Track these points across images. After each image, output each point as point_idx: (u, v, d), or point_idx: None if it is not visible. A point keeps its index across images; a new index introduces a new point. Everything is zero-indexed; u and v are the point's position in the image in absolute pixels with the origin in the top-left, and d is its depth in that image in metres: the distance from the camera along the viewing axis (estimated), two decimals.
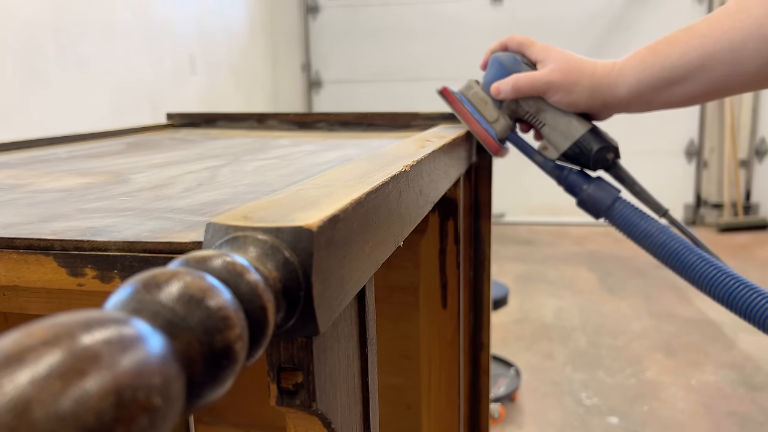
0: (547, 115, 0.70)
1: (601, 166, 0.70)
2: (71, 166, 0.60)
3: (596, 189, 0.69)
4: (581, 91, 0.66)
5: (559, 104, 0.68)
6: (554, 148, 0.71)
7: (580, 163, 0.70)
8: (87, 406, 0.13)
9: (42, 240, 0.31)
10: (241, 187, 0.46)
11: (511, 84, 0.69)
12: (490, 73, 0.73)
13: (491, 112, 0.72)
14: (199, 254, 0.21)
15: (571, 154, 0.70)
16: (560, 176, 0.71)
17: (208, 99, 3.20)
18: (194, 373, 0.17)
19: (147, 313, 0.17)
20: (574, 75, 0.66)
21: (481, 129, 0.72)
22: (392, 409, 0.89)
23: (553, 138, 0.71)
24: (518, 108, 0.72)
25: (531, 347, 2.35)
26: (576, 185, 0.70)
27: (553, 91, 0.67)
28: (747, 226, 3.96)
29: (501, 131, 0.72)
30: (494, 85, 0.71)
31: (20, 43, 1.92)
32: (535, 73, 0.68)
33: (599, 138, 0.69)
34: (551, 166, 0.72)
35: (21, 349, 0.13)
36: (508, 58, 0.72)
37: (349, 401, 0.33)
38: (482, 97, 0.72)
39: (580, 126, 0.69)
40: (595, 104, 0.66)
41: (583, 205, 0.70)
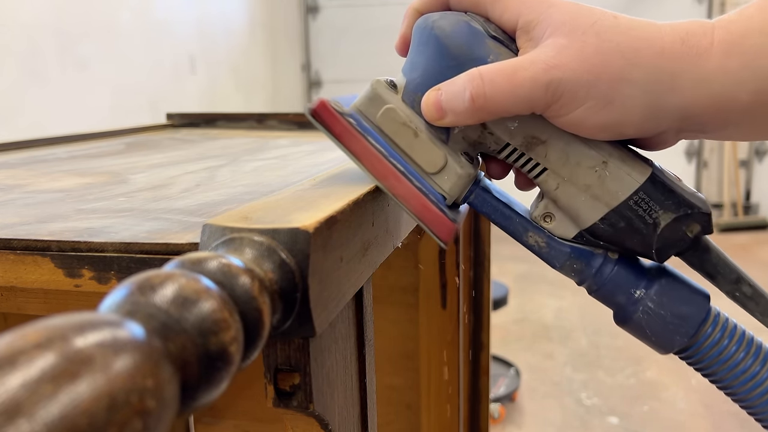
0: (551, 151, 0.34)
1: (672, 252, 0.35)
2: (70, 166, 0.60)
3: (665, 299, 0.35)
4: (634, 97, 0.31)
5: (581, 128, 0.32)
6: (569, 219, 0.35)
7: (627, 247, 0.35)
8: (79, 410, 0.13)
9: (39, 241, 0.31)
10: (240, 187, 0.46)
11: (468, 92, 0.32)
12: (418, 64, 0.35)
13: (430, 153, 0.34)
14: (195, 256, 0.21)
15: (606, 231, 0.35)
16: (585, 272, 0.36)
17: (207, 99, 3.20)
18: (189, 376, 0.17)
19: (141, 315, 0.17)
20: (614, 61, 0.31)
21: (411, 191, 0.33)
22: (392, 409, 0.89)
23: (566, 198, 0.35)
24: (485, 137, 0.35)
25: (531, 347, 2.35)
26: (620, 291, 0.35)
27: (566, 103, 0.31)
28: (747, 226, 3.96)
29: (453, 189, 0.35)
30: (430, 96, 0.33)
31: (20, 43, 1.92)
32: (520, 63, 0.32)
33: (671, 195, 0.34)
34: (564, 254, 0.36)
35: (13, 352, 0.13)
36: (456, 30, 0.34)
37: (346, 402, 0.33)
38: (406, 120, 0.34)
39: (628, 173, 0.33)
40: (662, 121, 0.32)
41: (637, 330, 0.36)
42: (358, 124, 0.34)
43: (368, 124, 0.35)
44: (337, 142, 0.34)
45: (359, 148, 0.34)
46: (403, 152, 0.35)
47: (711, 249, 0.36)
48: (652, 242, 0.34)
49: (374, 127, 0.35)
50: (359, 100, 0.36)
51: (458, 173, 0.35)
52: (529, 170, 0.35)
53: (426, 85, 0.34)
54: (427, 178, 0.35)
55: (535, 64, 0.31)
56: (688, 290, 0.35)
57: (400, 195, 0.33)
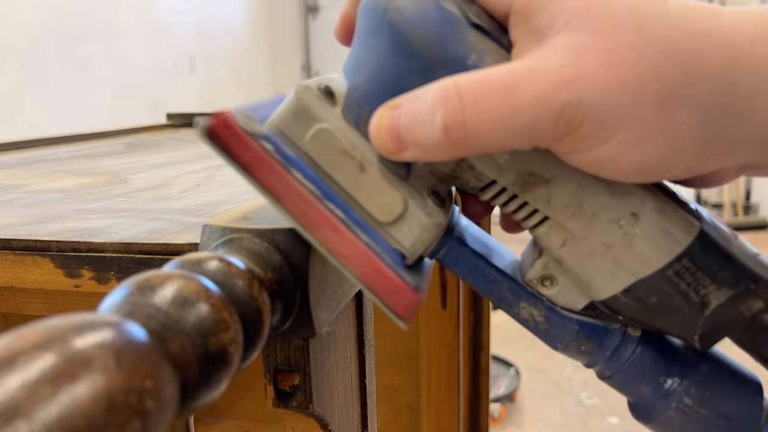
0: (555, 195, 0.24)
1: (721, 337, 0.25)
2: (70, 166, 0.60)
3: (707, 395, 0.26)
4: (694, 122, 0.21)
5: (609, 167, 0.22)
6: (577, 287, 0.26)
7: (658, 326, 0.26)
8: (78, 411, 0.13)
9: (39, 241, 0.31)
10: (240, 187, 0.46)
11: (439, 119, 0.21)
12: (367, 63, 0.25)
13: (383, 195, 0.24)
14: (194, 256, 0.21)
15: (630, 306, 0.25)
16: (598, 355, 0.27)
17: (208, 99, 3.20)
18: (188, 376, 0.17)
19: (141, 315, 0.17)
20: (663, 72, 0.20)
21: (356, 248, 0.23)
22: (392, 409, 0.89)
23: (575, 260, 0.25)
24: (462, 171, 0.25)
25: (531, 347, 2.35)
26: (644, 379, 0.26)
27: (589, 134, 0.21)
28: (747, 226, 3.96)
29: (416, 245, 0.25)
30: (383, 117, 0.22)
31: (21, 43, 1.92)
32: (518, 73, 0.21)
33: (727, 263, 0.24)
34: (571, 333, 0.26)
35: (12, 352, 0.13)
36: (422, 14, 0.23)
37: (346, 403, 0.33)
38: (348, 147, 0.24)
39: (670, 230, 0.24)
40: (731, 156, 0.22)
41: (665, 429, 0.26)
42: (276, 150, 0.23)
43: (293, 150, 0.24)
44: (246, 175, 0.22)
45: (278, 185, 0.23)
46: (345, 193, 0.24)
47: None
48: (696, 326, 0.25)
49: (301, 155, 0.24)
50: (279, 115, 0.24)
51: (423, 224, 0.24)
52: (523, 218, 0.25)
53: (377, 95, 0.24)
54: (380, 229, 0.24)
55: (542, 76, 0.20)
56: (737, 380, 0.26)
57: (339, 253, 0.23)
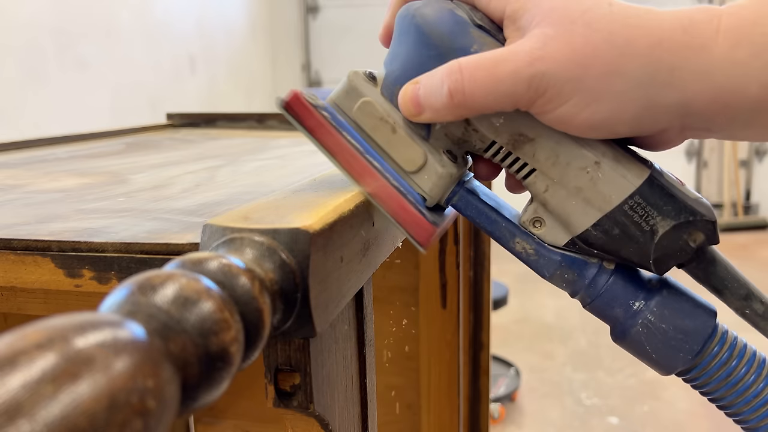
0: (539, 150, 0.32)
1: (672, 263, 0.31)
2: (70, 166, 0.60)
3: (666, 312, 0.31)
4: (627, 91, 0.29)
5: (570, 125, 0.30)
6: (560, 225, 0.32)
7: (623, 256, 0.32)
8: (80, 410, 0.13)
9: (39, 241, 0.31)
10: (240, 187, 0.46)
11: (446, 86, 0.30)
12: (398, 55, 0.33)
13: (408, 150, 0.32)
14: (195, 256, 0.21)
15: (600, 238, 0.31)
16: (578, 283, 0.33)
17: (207, 99, 3.20)
18: (189, 376, 0.17)
19: (142, 315, 0.17)
20: (605, 53, 0.28)
21: (388, 190, 0.32)
22: (392, 409, 0.89)
23: (557, 202, 0.32)
24: (470, 134, 0.32)
25: (531, 347, 2.35)
26: (617, 303, 0.32)
27: (552, 98, 0.29)
28: (747, 226, 3.96)
29: (434, 190, 0.32)
30: (407, 89, 0.31)
31: (20, 43, 1.92)
32: (502, 54, 0.29)
33: (671, 199, 0.31)
34: (555, 263, 0.33)
35: (14, 352, 0.13)
36: (439, 17, 0.32)
37: (347, 402, 0.33)
38: (384, 114, 0.32)
39: (623, 174, 0.31)
40: (661, 119, 0.29)
41: (635, 346, 0.32)
42: (332, 118, 0.32)
43: (344, 118, 0.33)
44: (310, 136, 0.32)
45: (333, 144, 0.32)
46: (381, 149, 0.33)
47: (718, 261, 0.32)
48: (649, 251, 0.31)
49: (350, 122, 0.33)
50: (335, 93, 0.33)
51: (438, 173, 0.32)
52: (517, 170, 0.33)
53: (405, 77, 0.32)
54: (406, 177, 0.33)
55: (517, 55, 0.29)
56: (693, 303, 0.32)
57: (376, 194, 0.32)
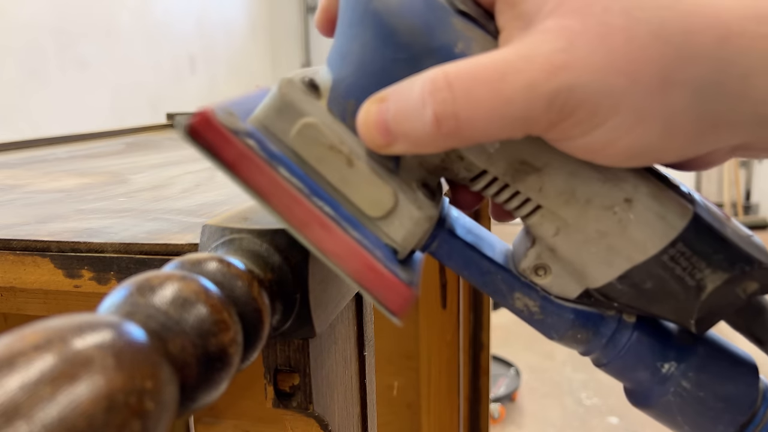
0: (547, 183, 0.24)
1: (717, 320, 0.25)
2: (70, 166, 0.60)
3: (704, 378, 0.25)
4: (689, 104, 0.20)
5: (604, 153, 0.21)
6: (572, 275, 0.25)
7: (654, 312, 0.25)
8: (78, 412, 0.13)
9: (39, 241, 0.31)
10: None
11: (430, 110, 0.20)
12: (351, 54, 0.23)
13: (372, 190, 0.23)
14: (194, 257, 0.21)
15: (626, 292, 0.25)
16: (594, 343, 0.26)
17: (207, 99, 3.20)
18: (188, 377, 0.17)
19: (140, 316, 0.17)
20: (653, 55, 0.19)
21: (346, 244, 0.22)
22: (392, 409, 0.89)
23: (569, 248, 0.24)
24: (452, 162, 0.24)
25: (531, 347, 2.35)
26: (641, 365, 0.26)
27: (581, 121, 0.20)
28: (747, 226, 3.95)
29: (407, 239, 0.24)
30: (370, 110, 0.21)
31: (20, 43, 1.92)
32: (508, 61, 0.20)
33: (722, 246, 0.24)
34: (567, 322, 0.26)
35: (12, 353, 0.13)
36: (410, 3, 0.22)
37: (346, 403, 0.33)
38: (335, 142, 0.23)
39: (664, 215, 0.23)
40: (725, 138, 0.21)
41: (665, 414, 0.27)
42: (261, 147, 0.22)
43: (278, 146, 0.23)
44: (230, 174, 0.22)
45: (264, 183, 0.22)
46: (333, 188, 0.23)
47: (765, 309, 0.26)
48: (692, 311, 0.24)
49: (287, 151, 0.23)
50: (263, 111, 0.24)
51: (414, 218, 0.24)
52: (515, 207, 0.25)
53: (363, 88, 0.23)
54: (370, 224, 0.24)
55: (533, 63, 0.19)
56: (732, 361, 0.26)
57: (330, 251, 0.22)
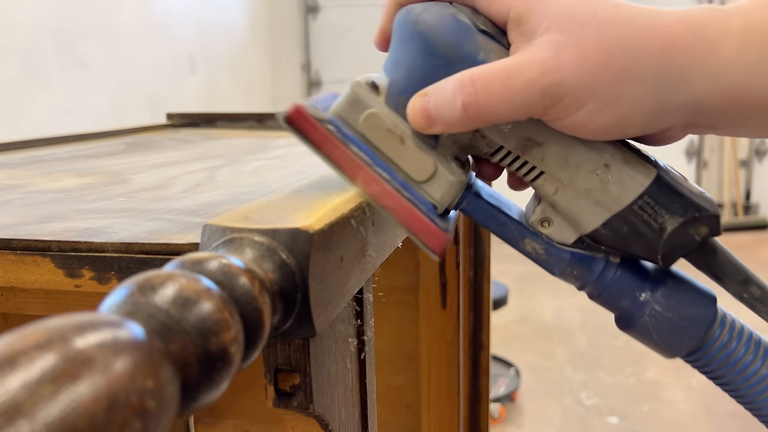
0: (548, 154, 0.32)
1: (678, 256, 0.33)
2: (70, 166, 0.60)
3: (672, 302, 0.33)
4: (640, 96, 0.29)
5: (583, 130, 0.30)
6: (569, 224, 0.34)
7: (631, 252, 0.33)
8: (79, 411, 0.13)
9: (39, 241, 0.31)
10: (240, 187, 0.46)
11: (460, 100, 0.29)
12: (401, 63, 0.33)
13: (418, 161, 0.32)
14: (195, 256, 0.21)
15: (609, 236, 0.33)
16: (587, 278, 0.34)
17: (207, 99, 3.20)
18: (189, 376, 0.17)
19: (141, 315, 0.17)
20: (618, 57, 0.28)
21: (399, 201, 0.32)
22: (392, 409, 0.89)
23: (566, 203, 0.33)
24: (477, 140, 0.33)
25: (531, 347, 2.35)
26: (624, 295, 0.34)
27: (567, 106, 0.29)
28: (747, 226, 3.96)
29: (444, 197, 0.33)
30: (416, 102, 0.31)
31: (20, 43, 1.92)
32: (514, 65, 0.29)
33: (678, 198, 0.32)
34: (564, 261, 0.34)
35: (13, 352, 0.13)
36: (442, 24, 0.31)
37: (347, 402, 0.33)
38: (391, 126, 0.32)
39: (632, 176, 0.32)
40: (670, 119, 0.30)
41: (643, 333, 0.34)
42: (338, 131, 0.32)
43: (350, 130, 0.32)
44: (316, 151, 0.31)
45: (341, 158, 0.31)
46: (389, 160, 0.32)
47: (718, 250, 0.34)
48: (658, 247, 0.33)
49: (356, 134, 0.32)
50: (338, 105, 0.33)
51: (449, 180, 0.32)
52: (524, 174, 0.33)
53: (411, 87, 0.32)
54: (416, 186, 0.33)
55: (531, 66, 0.29)
56: (695, 291, 0.34)
57: (388, 206, 0.31)
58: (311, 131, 0.31)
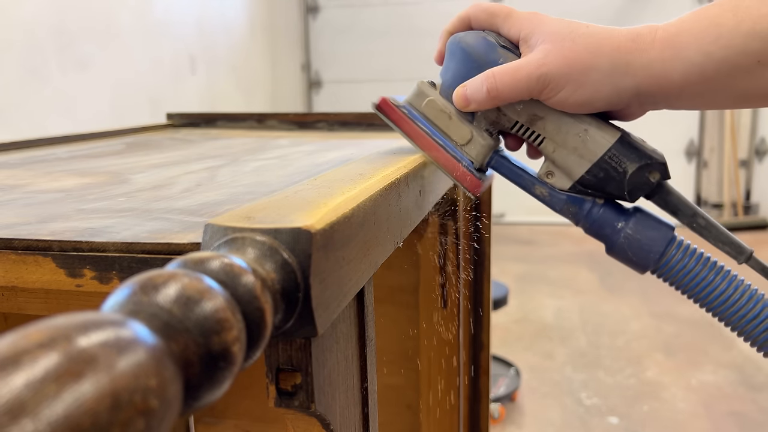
0: (547, 124, 0.47)
1: (640, 194, 0.47)
2: (70, 166, 0.60)
3: (639, 227, 0.46)
4: (599, 80, 0.43)
5: (565, 105, 0.45)
6: (564, 174, 0.48)
7: (608, 192, 0.47)
8: (82, 409, 0.13)
9: (40, 241, 0.31)
10: (240, 187, 0.46)
11: (485, 87, 0.46)
12: (449, 69, 0.50)
13: (460, 130, 0.49)
14: (197, 256, 0.21)
15: (591, 180, 0.47)
16: (579, 214, 0.48)
17: (208, 99, 3.19)
18: (191, 375, 0.17)
19: (144, 315, 0.17)
20: (583, 56, 0.43)
21: (448, 158, 0.49)
22: (392, 409, 0.89)
23: (561, 158, 0.47)
24: (500, 117, 0.48)
25: (531, 347, 2.35)
26: (606, 225, 0.47)
27: (553, 88, 0.44)
28: (747, 226, 3.96)
29: (478, 156, 0.49)
30: (458, 90, 0.48)
31: (20, 42, 1.91)
32: (520, 64, 0.45)
33: (635, 151, 0.45)
34: (563, 201, 0.48)
35: (17, 351, 0.13)
36: (476, 43, 0.48)
37: (348, 402, 0.33)
38: (443, 107, 0.49)
39: (602, 136, 0.46)
40: (623, 97, 0.44)
41: (621, 253, 0.47)
42: (409, 113, 0.50)
43: (416, 112, 0.50)
44: (395, 126, 0.50)
45: (411, 130, 0.50)
46: (441, 131, 0.50)
47: (672, 192, 0.47)
48: (624, 186, 0.46)
49: (420, 114, 0.50)
50: (409, 96, 0.51)
51: (482, 143, 0.49)
52: (533, 140, 0.48)
53: (456, 82, 0.48)
54: (460, 148, 0.49)
55: (530, 64, 0.45)
56: (657, 221, 0.47)
57: (441, 162, 0.49)
58: (392, 114, 0.50)
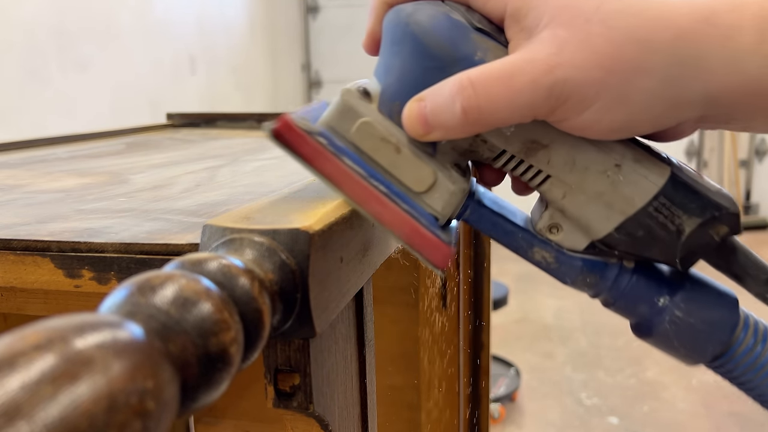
0: (553, 156, 0.30)
1: (697, 259, 0.32)
2: (70, 166, 0.60)
3: (692, 307, 0.31)
4: (651, 90, 0.27)
5: (590, 131, 0.28)
6: (579, 230, 0.31)
7: (647, 256, 0.31)
8: (79, 411, 0.13)
9: (39, 241, 0.31)
10: (240, 187, 0.46)
11: (458, 104, 0.27)
12: (393, 67, 0.31)
13: (416, 170, 0.30)
14: (195, 257, 0.21)
15: (623, 240, 0.31)
16: (601, 286, 0.32)
17: (207, 99, 3.20)
18: (189, 377, 0.17)
19: (141, 316, 0.17)
20: (626, 51, 0.26)
21: (397, 214, 0.29)
22: (392, 409, 0.89)
23: (575, 208, 0.31)
24: (478, 145, 0.31)
25: (531, 347, 2.35)
26: (641, 301, 0.32)
27: (572, 106, 0.27)
28: (747, 226, 3.96)
29: (446, 208, 0.31)
30: (411, 107, 0.29)
31: (20, 43, 1.92)
32: (515, 64, 0.27)
33: (696, 197, 0.30)
34: (576, 269, 0.32)
35: (13, 353, 0.13)
36: (435, 24, 0.29)
37: (347, 403, 0.33)
38: (385, 135, 0.30)
39: (645, 175, 0.30)
40: (683, 114, 0.28)
41: (663, 341, 0.32)
42: (329, 143, 0.29)
43: (342, 141, 0.30)
44: (307, 166, 0.29)
45: (334, 171, 0.29)
46: (386, 171, 0.30)
47: (738, 249, 0.32)
48: (676, 251, 0.31)
49: (349, 145, 0.30)
50: (329, 115, 0.31)
51: (450, 190, 0.30)
52: (530, 178, 0.31)
53: (405, 92, 0.29)
54: (415, 198, 0.30)
55: (534, 64, 0.26)
56: (716, 294, 0.32)
57: (386, 221, 0.29)
58: (301, 145, 0.29)
